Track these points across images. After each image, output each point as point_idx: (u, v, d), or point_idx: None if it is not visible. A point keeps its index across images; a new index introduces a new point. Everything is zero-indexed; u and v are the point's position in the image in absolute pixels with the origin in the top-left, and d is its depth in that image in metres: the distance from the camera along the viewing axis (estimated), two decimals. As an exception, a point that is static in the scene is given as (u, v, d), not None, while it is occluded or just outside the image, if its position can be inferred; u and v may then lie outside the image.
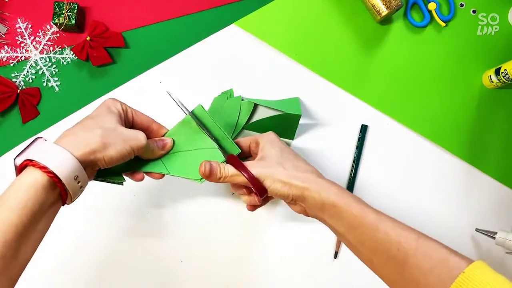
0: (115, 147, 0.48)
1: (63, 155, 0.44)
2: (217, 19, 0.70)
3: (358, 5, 0.69)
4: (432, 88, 0.69)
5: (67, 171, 0.44)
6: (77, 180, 0.45)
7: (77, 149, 0.45)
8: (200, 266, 0.66)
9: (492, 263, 0.66)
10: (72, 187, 0.45)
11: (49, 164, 0.43)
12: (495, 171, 0.68)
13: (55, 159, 0.44)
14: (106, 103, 0.52)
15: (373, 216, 0.48)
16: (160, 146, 0.55)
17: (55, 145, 0.45)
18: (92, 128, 0.48)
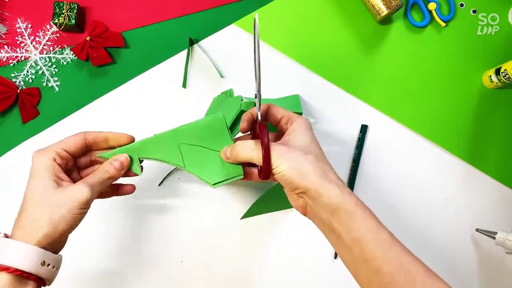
0: (65, 221, 0.45)
1: (22, 249, 0.43)
2: (217, 19, 0.70)
3: (358, 5, 0.69)
4: (432, 88, 0.69)
5: (32, 262, 0.43)
6: (46, 264, 0.44)
7: (33, 239, 0.44)
8: (200, 266, 0.67)
9: (492, 263, 0.67)
10: (45, 272, 0.44)
11: (11, 262, 0.43)
12: (495, 171, 0.68)
13: (16, 256, 0.43)
14: (33, 167, 0.48)
15: (387, 235, 0.45)
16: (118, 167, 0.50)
17: (11, 241, 0.44)
18: (34, 214, 0.45)
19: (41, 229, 0.44)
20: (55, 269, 0.46)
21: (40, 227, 0.45)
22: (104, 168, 0.50)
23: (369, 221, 0.45)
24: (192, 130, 0.52)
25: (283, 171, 0.46)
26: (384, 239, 0.44)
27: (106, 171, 0.50)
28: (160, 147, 0.52)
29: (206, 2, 0.70)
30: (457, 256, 0.67)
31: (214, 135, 0.52)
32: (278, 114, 0.52)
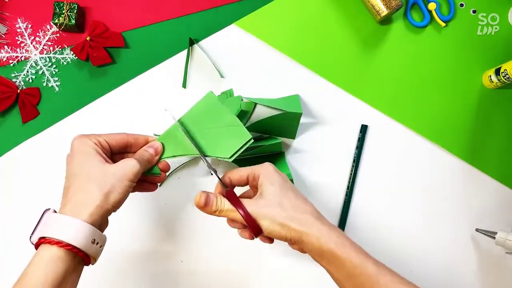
0: (116, 192, 0.47)
1: (75, 224, 0.44)
2: (217, 19, 0.70)
3: (358, 5, 0.69)
4: (432, 88, 0.69)
5: (83, 239, 0.44)
6: (95, 243, 0.45)
7: (84, 214, 0.45)
8: (200, 266, 0.66)
9: (492, 263, 0.67)
10: (93, 250, 0.45)
11: (64, 238, 0.43)
12: (495, 171, 0.68)
13: (68, 231, 0.44)
14: (77, 147, 0.49)
15: (373, 267, 0.47)
16: (153, 153, 0.53)
17: (64, 217, 0.45)
18: (85, 186, 0.46)
19: (93, 201, 0.45)
20: (101, 248, 0.47)
21: (93, 198, 0.45)
22: (141, 152, 0.52)
23: (352, 258, 0.47)
24: (191, 117, 0.54)
25: (267, 229, 0.49)
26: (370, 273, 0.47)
27: (143, 154, 0.52)
28: (170, 145, 0.54)
29: (206, 2, 0.70)
30: (457, 256, 0.67)
31: (212, 113, 0.54)
32: (242, 176, 0.53)
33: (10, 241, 0.66)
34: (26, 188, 0.67)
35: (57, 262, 0.43)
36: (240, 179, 0.53)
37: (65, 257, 0.43)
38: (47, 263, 0.43)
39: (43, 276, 0.42)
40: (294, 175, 0.67)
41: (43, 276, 0.42)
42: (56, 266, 0.43)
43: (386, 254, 0.67)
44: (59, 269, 0.43)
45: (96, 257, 0.47)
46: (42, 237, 0.44)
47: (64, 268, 0.43)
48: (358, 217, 0.67)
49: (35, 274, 0.43)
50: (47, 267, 0.43)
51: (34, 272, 0.43)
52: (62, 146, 0.68)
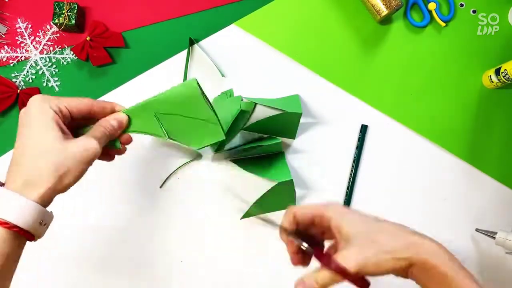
0: (72, 175, 0.43)
1: (24, 204, 0.41)
2: (217, 19, 0.69)
3: (358, 5, 0.69)
4: (432, 88, 0.69)
5: (31, 220, 0.41)
6: (44, 223, 0.42)
7: (34, 194, 0.41)
8: (200, 266, 0.67)
9: (492, 263, 0.67)
10: (39, 231, 0.43)
11: (11, 218, 0.40)
12: (495, 171, 0.68)
13: (16, 211, 0.41)
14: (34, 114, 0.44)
15: None
16: (116, 126, 0.48)
17: (13, 194, 0.41)
18: (39, 163, 0.42)
19: (46, 182, 0.42)
20: (46, 227, 0.44)
21: (45, 179, 0.42)
22: (103, 123, 0.48)
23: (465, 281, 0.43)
24: (166, 99, 0.51)
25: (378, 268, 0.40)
26: None
27: (106, 126, 0.47)
28: (137, 119, 0.51)
29: (206, 2, 0.70)
30: (457, 256, 0.67)
31: (189, 102, 0.51)
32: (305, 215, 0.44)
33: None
34: (26, 188, 0.67)
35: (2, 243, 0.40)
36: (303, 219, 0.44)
37: (10, 238, 0.41)
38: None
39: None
40: (294, 175, 0.67)
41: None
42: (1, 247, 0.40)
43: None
44: (3, 250, 0.40)
45: (41, 235, 0.44)
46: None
47: (8, 249, 0.41)
48: (358, 217, 0.67)
49: None
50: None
51: None
52: (62, 146, 0.68)
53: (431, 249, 0.43)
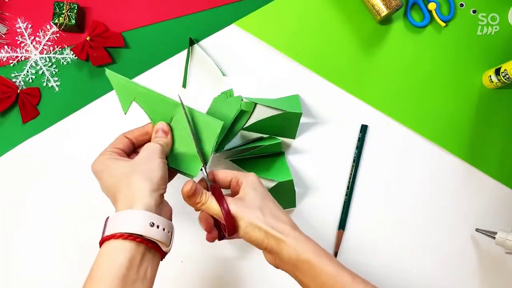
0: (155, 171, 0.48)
1: (128, 215, 0.45)
2: (217, 19, 0.70)
3: (358, 5, 0.69)
4: (432, 88, 0.69)
5: (139, 224, 0.44)
6: (155, 226, 0.45)
7: (135, 204, 0.45)
8: (200, 266, 0.66)
9: (492, 263, 0.67)
10: (155, 234, 0.45)
11: (119, 230, 0.44)
12: (495, 171, 0.68)
13: (123, 223, 0.45)
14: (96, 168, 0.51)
15: (348, 277, 0.48)
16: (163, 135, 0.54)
17: (118, 213, 0.46)
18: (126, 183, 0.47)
19: (138, 189, 0.46)
20: (169, 233, 0.47)
21: (137, 187, 0.46)
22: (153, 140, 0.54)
23: (328, 267, 0.48)
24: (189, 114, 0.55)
25: (244, 229, 0.49)
26: (344, 282, 0.48)
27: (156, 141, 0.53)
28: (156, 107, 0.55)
29: (206, 2, 0.70)
30: (457, 256, 0.67)
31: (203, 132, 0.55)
32: (227, 177, 0.55)
33: (10, 241, 0.66)
34: (26, 188, 0.67)
35: (118, 253, 0.43)
36: (224, 180, 0.55)
37: (126, 247, 0.43)
38: (109, 255, 0.44)
39: (108, 267, 0.43)
40: (294, 175, 0.67)
41: (107, 267, 0.43)
42: (118, 256, 0.43)
43: (387, 254, 0.67)
44: (122, 258, 0.43)
45: (166, 242, 0.46)
46: (101, 239, 0.45)
47: (128, 256, 0.43)
48: (358, 217, 0.67)
49: (100, 267, 0.43)
50: (110, 259, 0.43)
51: (99, 266, 0.43)
52: (62, 146, 0.68)
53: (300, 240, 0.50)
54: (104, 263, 0.43)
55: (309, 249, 0.49)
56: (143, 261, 0.45)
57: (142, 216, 0.45)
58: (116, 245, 0.44)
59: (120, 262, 0.43)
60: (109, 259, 0.43)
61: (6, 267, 0.66)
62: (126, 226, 0.44)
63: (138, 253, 0.44)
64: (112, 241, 0.44)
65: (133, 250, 0.44)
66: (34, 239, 0.66)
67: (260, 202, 0.51)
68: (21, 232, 0.66)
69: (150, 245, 0.45)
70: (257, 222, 0.49)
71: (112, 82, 0.54)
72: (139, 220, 0.44)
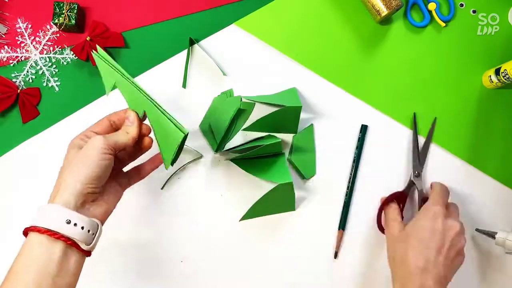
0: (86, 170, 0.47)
1: (47, 208, 0.45)
2: (217, 19, 0.70)
3: (358, 5, 0.69)
4: (432, 88, 0.69)
5: (54, 220, 0.44)
6: (73, 223, 0.45)
7: (56, 198, 0.46)
8: (200, 266, 0.67)
9: (492, 263, 0.67)
10: (72, 232, 0.45)
11: (37, 222, 0.44)
12: (495, 171, 0.68)
13: (42, 216, 0.45)
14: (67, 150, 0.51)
15: None
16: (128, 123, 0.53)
17: (42, 205, 0.46)
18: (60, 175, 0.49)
19: (63, 184, 0.46)
20: (91, 233, 0.46)
21: (63, 182, 0.46)
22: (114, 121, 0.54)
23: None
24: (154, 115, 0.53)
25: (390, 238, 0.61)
26: None
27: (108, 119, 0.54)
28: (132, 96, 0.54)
29: (206, 2, 0.70)
30: (457, 256, 0.67)
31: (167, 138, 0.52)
32: None
33: (10, 241, 0.66)
34: (26, 188, 0.67)
35: (37, 247, 0.44)
36: None
37: (43, 242, 0.44)
38: (30, 249, 0.44)
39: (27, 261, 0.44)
40: (293, 176, 0.67)
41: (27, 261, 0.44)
42: (36, 251, 0.44)
43: (386, 254, 0.67)
44: (39, 253, 0.43)
45: (85, 241, 0.46)
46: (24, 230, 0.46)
47: (45, 251, 0.44)
48: (358, 217, 0.67)
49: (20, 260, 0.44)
50: (30, 253, 0.44)
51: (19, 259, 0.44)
52: (62, 146, 0.67)
53: None
54: (24, 257, 0.44)
55: None
56: (64, 257, 0.44)
57: (58, 213, 0.45)
58: (35, 238, 0.44)
59: (37, 257, 0.43)
60: (30, 253, 0.44)
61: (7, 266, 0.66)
62: (43, 221, 0.44)
63: (57, 248, 0.44)
64: (32, 234, 0.45)
65: (51, 245, 0.44)
66: (34, 239, 0.66)
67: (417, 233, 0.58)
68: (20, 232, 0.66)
69: (69, 243, 0.45)
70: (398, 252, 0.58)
71: (97, 64, 0.54)
72: (56, 216, 0.44)
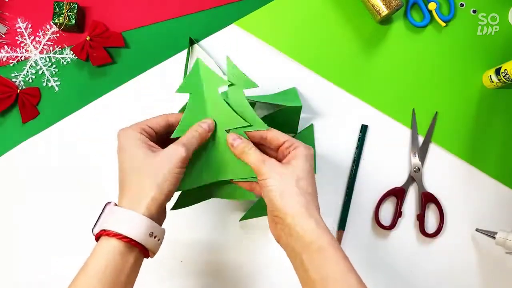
0: (168, 181, 0.47)
1: (133, 218, 0.45)
2: (217, 19, 0.69)
3: (358, 5, 0.69)
4: (432, 88, 0.69)
5: (140, 232, 0.45)
6: (153, 236, 0.46)
7: (141, 207, 0.46)
8: (200, 266, 0.66)
9: (492, 263, 0.67)
10: (151, 244, 0.46)
11: (122, 231, 0.45)
12: (495, 171, 0.68)
13: (127, 224, 0.45)
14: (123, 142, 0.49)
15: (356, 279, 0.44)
16: (207, 128, 0.52)
17: (123, 210, 0.46)
18: (138, 180, 0.47)
19: (148, 194, 0.46)
20: (160, 242, 0.48)
21: (147, 191, 0.46)
22: (193, 129, 0.52)
23: (340, 262, 0.45)
24: None
25: (270, 186, 0.48)
26: (351, 283, 0.44)
27: (195, 131, 0.52)
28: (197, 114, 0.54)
29: (206, 2, 0.70)
30: (457, 256, 0.67)
31: None
32: (280, 138, 0.52)
33: (10, 241, 0.66)
34: (26, 188, 0.67)
35: (116, 254, 0.44)
36: (276, 139, 0.52)
37: (124, 250, 0.45)
38: (107, 254, 0.44)
39: (103, 266, 0.44)
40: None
41: (103, 266, 0.44)
42: (114, 258, 0.44)
43: (386, 254, 0.67)
44: (117, 260, 0.44)
45: (155, 250, 0.48)
46: (103, 229, 0.46)
47: (123, 259, 0.45)
48: (358, 217, 0.67)
49: (96, 264, 0.44)
50: (107, 258, 0.44)
51: (95, 262, 0.44)
52: (62, 146, 0.68)
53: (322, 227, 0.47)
54: (100, 262, 0.44)
55: (327, 238, 0.46)
56: (133, 264, 0.46)
57: (144, 224, 0.45)
58: (114, 244, 0.45)
59: (114, 264, 0.44)
60: (106, 259, 0.44)
61: (6, 267, 0.66)
62: (127, 228, 0.45)
63: (132, 256, 0.45)
64: (110, 239, 0.45)
65: (128, 253, 0.45)
66: (34, 239, 0.66)
67: (302, 174, 0.48)
68: (21, 232, 0.66)
69: (143, 251, 0.46)
70: (288, 186, 0.47)
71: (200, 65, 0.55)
72: (141, 227, 0.45)
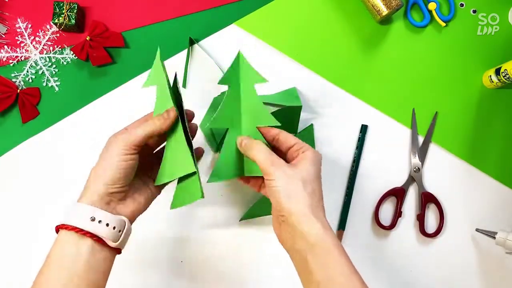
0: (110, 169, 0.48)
1: (75, 208, 0.47)
2: (217, 19, 0.69)
3: (358, 5, 0.69)
4: (432, 88, 0.69)
5: (78, 217, 0.46)
6: (97, 220, 0.46)
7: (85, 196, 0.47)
8: (200, 266, 0.66)
9: (492, 263, 0.67)
10: (101, 230, 0.46)
11: (65, 221, 0.46)
12: (495, 171, 0.68)
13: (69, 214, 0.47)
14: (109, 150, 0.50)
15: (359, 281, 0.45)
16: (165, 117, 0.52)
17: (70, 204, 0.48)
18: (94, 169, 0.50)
19: (92, 187, 0.48)
20: (117, 231, 0.47)
21: (90, 185, 0.48)
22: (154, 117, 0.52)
23: (344, 264, 0.45)
24: None
25: (276, 186, 0.48)
26: (354, 285, 0.44)
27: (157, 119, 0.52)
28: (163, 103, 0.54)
29: (206, 2, 0.70)
30: (457, 256, 0.67)
31: None
32: (290, 141, 0.53)
33: (10, 241, 0.66)
34: (26, 188, 0.67)
35: (66, 244, 0.46)
36: (286, 141, 0.53)
37: (72, 239, 0.46)
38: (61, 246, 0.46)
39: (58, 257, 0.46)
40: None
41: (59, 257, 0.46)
42: (66, 247, 0.46)
43: (386, 254, 0.67)
44: (69, 250, 0.45)
45: (112, 238, 0.47)
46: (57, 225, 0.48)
47: (74, 248, 0.45)
48: (358, 217, 0.67)
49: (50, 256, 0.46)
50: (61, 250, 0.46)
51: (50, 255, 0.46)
52: (62, 146, 0.68)
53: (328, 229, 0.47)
54: (55, 252, 0.46)
55: (333, 240, 0.46)
56: (92, 254, 0.46)
57: (83, 210, 0.46)
58: (64, 235, 0.46)
59: (67, 253, 0.45)
60: (60, 249, 0.46)
61: (6, 267, 0.66)
62: (71, 219, 0.46)
63: (85, 245, 0.46)
64: (62, 231, 0.46)
65: (79, 242, 0.46)
66: (33, 239, 0.66)
67: (309, 178, 0.48)
68: (21, 232, 0.66)
69: (95, 239, 0.46)
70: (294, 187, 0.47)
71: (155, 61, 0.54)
72: (81, 214, 0.46)
